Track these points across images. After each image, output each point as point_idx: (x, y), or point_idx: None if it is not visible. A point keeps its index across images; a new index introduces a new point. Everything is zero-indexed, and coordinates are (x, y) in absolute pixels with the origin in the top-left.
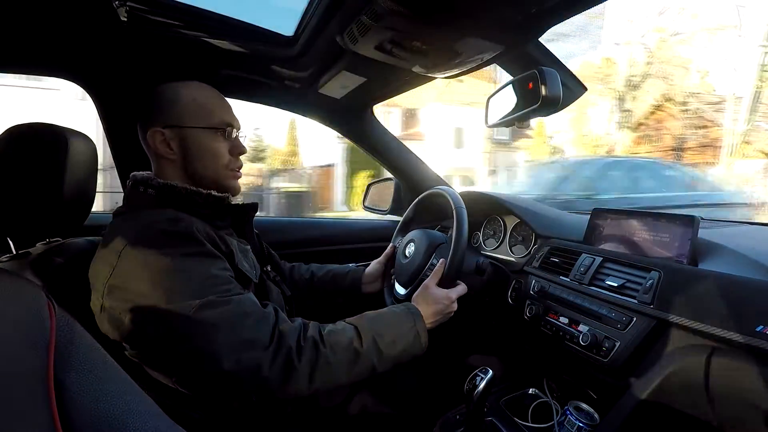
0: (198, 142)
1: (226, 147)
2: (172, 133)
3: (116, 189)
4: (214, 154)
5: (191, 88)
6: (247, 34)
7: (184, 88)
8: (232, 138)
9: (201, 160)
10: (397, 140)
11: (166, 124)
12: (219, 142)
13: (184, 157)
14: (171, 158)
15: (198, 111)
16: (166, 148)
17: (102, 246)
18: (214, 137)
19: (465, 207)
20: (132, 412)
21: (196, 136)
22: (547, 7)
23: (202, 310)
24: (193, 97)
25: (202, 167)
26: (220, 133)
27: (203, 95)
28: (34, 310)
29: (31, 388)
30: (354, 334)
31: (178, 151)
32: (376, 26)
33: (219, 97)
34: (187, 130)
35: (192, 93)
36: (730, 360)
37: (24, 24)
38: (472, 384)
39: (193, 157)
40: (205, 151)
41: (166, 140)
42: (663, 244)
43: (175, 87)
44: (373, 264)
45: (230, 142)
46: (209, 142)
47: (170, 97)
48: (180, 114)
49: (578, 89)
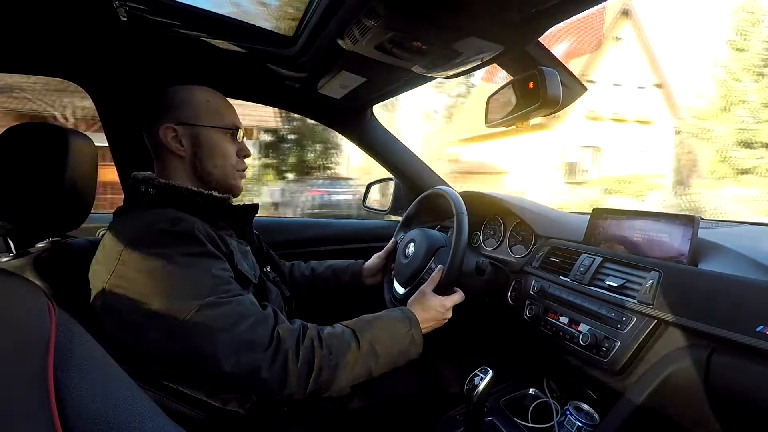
0: (209, 141)
1: (234, 148)
2: (185, 130)
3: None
4: (224, 153)
5: (204, 91)
6: (246, 34)
7: (197, 90)
8: (239, 141)
9: (211, 158)
10: (397, 140)
11: (179, 121)
12: (228, 143)
13: (195, 154)
14: (180, 155)
15: (212, 111)
16: (177, 144)
17: (102, 246)
18: (224, 138)
19: (466, 213)
20: (132, 412)
21: (208, 134)
22: (547, 7)
23: (202, 311)
24: (207, 99)
25: (212, 165)
26: (230, 134)
27: (215, 98)
28: (34, 310)
29: (31, 388)
30: (352, 337)
31: (189, 148)
32: (376, 26)
33: (227, 101)
34: (200, 128)
35: (205, 95)
36: (730, 360)
37: (24, 24)
38: (472, 384)
39: (203, 155)
40: (216, 149)
41: (178, 137)
42: (663, 244)
43: (188, 88)
44: (374, 258)
45: (237, 145)
46: (220, 142)
47: (184, 97)
48: (194, 113)
49: (578, 89)
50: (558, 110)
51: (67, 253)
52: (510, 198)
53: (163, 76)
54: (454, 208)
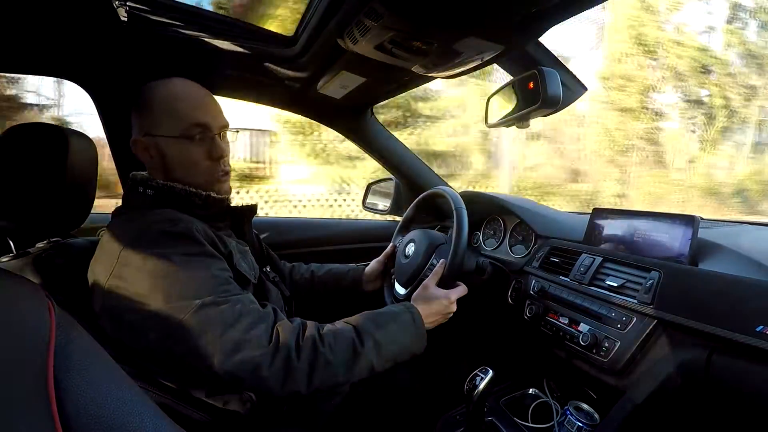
0: (172, 151)
1: (202, 152)
2: (149, 141)
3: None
4: (190, 162)
5: (165, 87)
6: (246, 34)
7: (156, 89)
8: (207, 141)
9: (179, 168)
10: (397, 140)
11: (144, 131)
12: (193, 148)
13: (164, 165)
14: (154, 166)
15: (168, 117)
16: (147, 156)
17: (101, 246)
18: (185, 145)
19: (465, 208)
20: (132, 412)
21: (168, 145)
22: (547, 7)
23: (201, 310)
24: (165, 100)
25: (182, 175)
26: (198, 137)
27: (175, 96)
28: (35, 311)
29: (31, 388)
30: (353, 334)
31: (158, 160)
32: (376, 26)
33: (194, 95)
34: (160, 138)
35: (164, 94)
36: (730, 360)
37: (24, 24)
38: (472, 384)
39: (172, 166)
40: (180, 160)
41: (147, 149)
42: (663, 244)
43: (151, 88)
44: (373, 263)
45: (205, 146)
46: (181, 151)
47: (145, 101)
48: (153, 121)
49: (578, 89)
50: (558, 110)
51: (67, 253)
52: (510, 198)
53: (163, 76)
54: (452, 204)
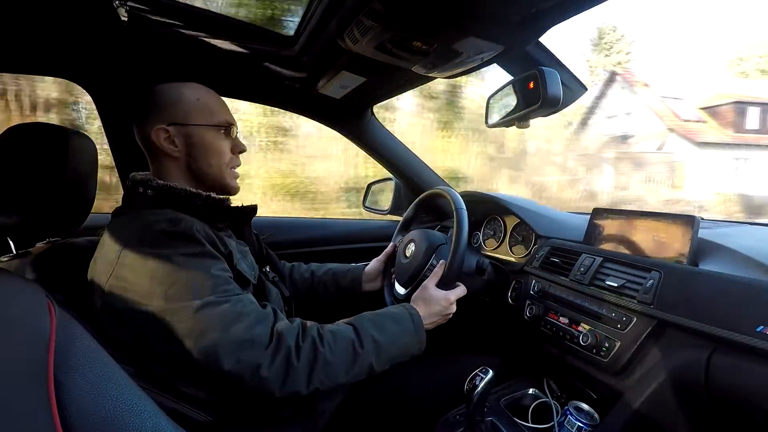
0: (203, 140)
1: (228, 145)
2: (177, 130)
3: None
4: (218, 151)
5: (193, 88)
6: (247, 34)
7: (185, 88)
8: (233, 137)
9: (205, 157)
10: (397, 140)
11: (170, 121)
12: (222, 140)
13: (189, 154)
14: (175, 156)
15: (203, 110)
16: (170, 145)
17: (101, 246)
18: (217, 135)
19: (466, 208)
20: (132, 412)
21: (201, 133)
22: (547, 7)
23: (201, 310)
24: (197, 97)
25: (206, 165)
26: (224, 131)
27: (205, 95)
28: (34, 310)
29: (31, 388)
30: (353, 334)
31: (182, 149)
32: (376, 26)
33: (218, 97)
34: (192, 127)
35: (195, 93)
36: (731, 360)
37: (25, 24)
38: (472, 384)
39: (197, 155)
40: (210, 148)
41: (171, 137)
42: (663, 244)
43: (177, 86)
44: (374, 262)
45: (232, 141)
46: (213, 140)
47: (174, 96)
48: (185, 112)
49: (578, 89)
50: (559, 110)
51: (67, 253)
52: (510, 198)
53: (163, 76)
54: (453, 204)
